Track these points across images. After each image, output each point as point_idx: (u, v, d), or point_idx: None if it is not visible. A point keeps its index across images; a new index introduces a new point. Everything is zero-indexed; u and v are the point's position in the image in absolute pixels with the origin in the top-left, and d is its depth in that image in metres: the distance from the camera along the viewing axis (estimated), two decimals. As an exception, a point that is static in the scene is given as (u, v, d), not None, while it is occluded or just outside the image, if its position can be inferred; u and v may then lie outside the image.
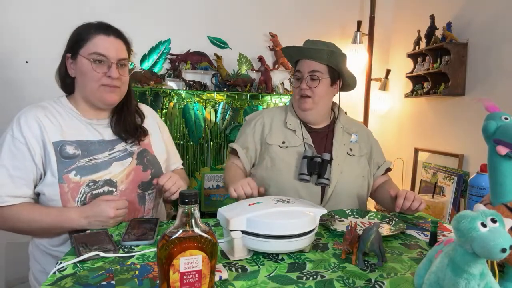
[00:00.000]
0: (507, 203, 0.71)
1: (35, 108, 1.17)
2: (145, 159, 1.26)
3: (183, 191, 0.63)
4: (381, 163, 1.54)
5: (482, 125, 0.74)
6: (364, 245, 0.85)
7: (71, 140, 1.15)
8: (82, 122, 1.20)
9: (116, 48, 1.16)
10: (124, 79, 1.20)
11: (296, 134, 1.46)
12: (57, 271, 0.79)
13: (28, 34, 2.41)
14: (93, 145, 1.18)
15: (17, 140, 1.10)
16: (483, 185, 1.13)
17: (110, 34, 1.16)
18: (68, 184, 1.11)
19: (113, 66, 1.14)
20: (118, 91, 1.19)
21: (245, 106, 2.64)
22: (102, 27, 1.16)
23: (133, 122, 1.27)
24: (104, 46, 1.14)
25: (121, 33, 1.20)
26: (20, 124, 1.12)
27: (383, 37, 2.97)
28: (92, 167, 1.15)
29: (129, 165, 1.22)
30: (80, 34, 1.17)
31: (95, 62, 1.13)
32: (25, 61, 2.42)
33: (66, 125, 1.17)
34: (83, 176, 1.13)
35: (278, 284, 0.76)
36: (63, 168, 1.11)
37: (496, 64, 2.01)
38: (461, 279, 0.56)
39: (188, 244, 0.61)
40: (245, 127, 1.56)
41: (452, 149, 2.33)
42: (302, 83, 1.43)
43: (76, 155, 1.14)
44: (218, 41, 2.64)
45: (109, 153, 1.20)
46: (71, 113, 1.20)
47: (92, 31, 1.15)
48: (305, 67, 1.43)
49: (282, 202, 0.98)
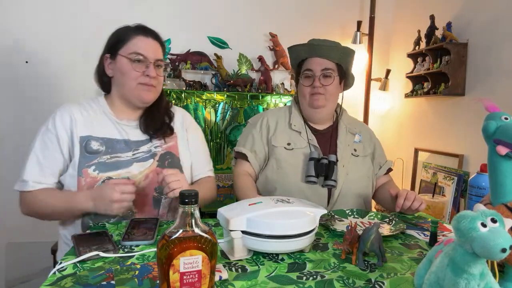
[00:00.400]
0: (507, 203, 0.71)
1: (72, 104, 1.25)
2: (166, 162, 1.26)
3: (183, 191, 0.63)
4: (382, 163, 1.54)
5: (482, 125, 0.74)
6: (364, 245, 0.85)
7: (97, 136, 1.20)
8: (112, 121, 1.25)
9: (154, 49, 1.21)
10: (160, 79, 1.25)
11: (301, 136, 1.46)
12: (57, 271, 0.79)
13: (28, 34, 2.41)
14: (119, 144, 1.22)
15: (49, 131, 1.18)
16: (483, 185, 1.13)
17: (149, 36, 1.21)
18: (85, 178, 1.15)
19: (151, 65, 1.19)
20: (154, 90, 1.24)
21: (245, 106, 2.64)
22: (141, 29, 1.22)
23: (161, 120, 1.30)
24: (143, 46, 1.19)
25: (158, 36, 1.25)
26: (55, 118, 1.20)
27: (383, 37, 2.97)
28: (112, 165, 1.18)
29: (149, 167, 1.23)
30: (120, 35, 1.22)
31: (135, 61, 1.18)
32: (25, 61, 2.42)
33: (97, 121, 1.23)
34: (101, 172, 1.16)
35: (278, 284, 0.76)
36: (84, 162, 1.16)
37: (496, 64, 2.01)
38: (461, 279, 0.56)
39: (188, 244, 0.61)
40: (250, 129, 1.52)
41: (452, 149, 2.33)
42: (315, 81, 1.42)
43: (100, 151, 1.19)
44: (218, 41, 2.64)
45: (133, 153, 1.23)
46: (104, 111, 1.25)
47: (131, 33, 1.20)
48: (317, 65, 1.42)
49: (282, 202, 0.98)
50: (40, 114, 2.44)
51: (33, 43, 2.40)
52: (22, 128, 2.43)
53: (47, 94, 2.46)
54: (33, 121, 2.44)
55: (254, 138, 1.48)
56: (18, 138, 2.42)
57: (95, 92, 1.31)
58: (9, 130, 2.41)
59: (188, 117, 1.42)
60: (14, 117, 2.41)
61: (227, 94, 2.59)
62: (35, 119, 2.44)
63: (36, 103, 2.44)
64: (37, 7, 2.40)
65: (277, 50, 2.73)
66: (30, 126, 2.45)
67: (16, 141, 2.42)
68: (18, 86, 2.41)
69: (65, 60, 2.46)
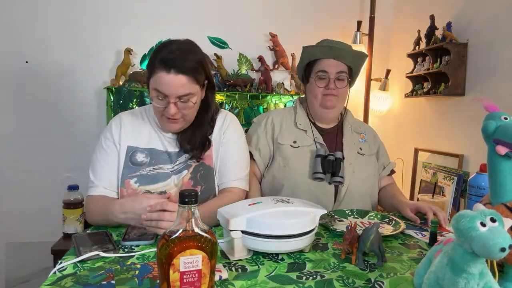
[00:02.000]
0: (506, 202, 0.71)
1: (125, 113, 1.27)
2: (198, 175, 1.22)
3: (183, 190, 0.63)
4: (386, 164, 1.56)
5: (482, 125, 0.74)
6: (364, 245, 0.85)
7: (143, 148, 1.21)
8: (158, 132, 1.24)
9: (176, 85, 1.09)
10: (186, 111, 1.15)
11: (307, 134, 1.47)
12: (57, 271, 0.79)
13: (28, 34, 2.41)
14: (162, 155, 1.21)
15: (107, 139, 1.21)
16: (482, 185, 1.13)
17: (171, 70, 1.08)
18: (127, 189, 1.16)
19: (170, 104, 1.11)
20: (181, 121, 1.18)
21: (245, 106, 2.64)
22: (163, 62, 1.08)
23: (200, 137, 1.23)
24: (163, 83, 1.09)
25: (183, 67, 1.09)
26: (111, 126, 1.23)
27: (383, 37, 2.97)
28: (152, 177, 1.18)
29: (183, 178, 1.21)
30: (148, 64, 1.14)
31: (157, 98, 1.13)
32: (25, 61, 2.42)
33: (145, 132, 1.23)
34: (141, 185, 1.17)
35: (278, 284, 0.76)
36: (127, 173, 1.18)
37: (496, 64, 2.01)
38: (460, 278, 0.56)
39: (188, 244, 0.61)
40: (255, 128, 1.53)
41: (452, 149, 2.32)
42: (330, 83, 1.43)
43: (144, 163, 1.19)
44: (218, 41, 2.64)
45: (173, 165, 1.22)
46: (151, 122, 1.25)
47: (155, 65, 1.10)
48: (332, 67, 1.43)
49: (282, 202, 0.98)
50: (40, 114, 2.45)
51: (33, 43, 2.40)
52: (23, 128, 2.43)
53: (47, 94, 2.46)
54: (33, 122, 2.45)
55: (259, 137, 1.49)
56: (19, 138, 2.43)
57: (95, 92, 1.30)
58: (10, 131, 2.41)
59: (228, 120, 1.30)
60: (14, 118, 2.41)
61: (227, 94, 2.59)
62: (35, 119, 2.45)
63: (36, 103, 2.44)
64: (37, 7, 2.40)
65: (277, 50, 2.73)
66: (30, 126, 2.45)
67: (17, 142, 2.42)
68: (18, 86, 2.41)
69: (65, 61, 2.47)
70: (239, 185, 1.25)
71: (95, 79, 2.51)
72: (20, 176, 2.40)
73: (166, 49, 1.10)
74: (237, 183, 1.25)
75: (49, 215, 2.31)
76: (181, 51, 1.11)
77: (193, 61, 1.12)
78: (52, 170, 2.43)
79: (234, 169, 1.26)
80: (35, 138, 2.45)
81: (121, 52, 2.47)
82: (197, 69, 1.13)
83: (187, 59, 1.10)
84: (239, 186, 1.25)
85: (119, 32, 2.53)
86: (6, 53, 2.39)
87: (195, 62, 1.12)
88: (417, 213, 1.27)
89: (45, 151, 2.46)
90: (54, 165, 2.45)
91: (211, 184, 1.24)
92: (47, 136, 2.46)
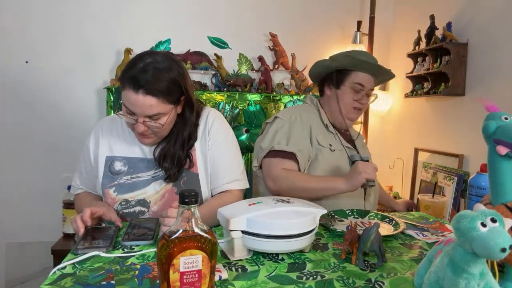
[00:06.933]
0: (507, 203, 0.71)
1: (106, 120, 1.28)
2: (181, 181, 1.17)
3: (183, 190, 0.63)
4: None
5: (482, 125, 0.74)
6: (364, 245, 0.85)
7: (122, 156, 1.20)
8: (134, 139, 1.18)
9: (144, 106, 1.03)
10: (156, 130, 1.10)
11: (335, 137, 1.48)
12: (57, 270, 0.79)
13: (28, 34, 2.41)
14: (142, 163, 1.19)
15: (87, 148, 1.24)
16: (483, 185, 1.13)
17: (139, 91, 1.02)
18: (107, 199, 1.17)
19: (138, 123, 1.07)
20: (152, 136, 1.13)
21: (245, 106, 2.64)
22: (132, 81, 1.02)
23: (177, 152, 1.16)
24: (131, 102, 1.04)
25: (153, 89, 1.02)
26: (90, 137, 1.25)
27: (383, 37, 2.97)
28: (130, 186, 1.17)
29: (165, 186, 1.17)
30: (120, 76, 1.07)
31: (126, 112, 1.08)
32: (25, 61, 2.42)
33: (124, 139, 1.22)
34: (119, 194, 1.17)
35: (278, 284, 0.76)
36: (107, 183, 1.18)
37: (496, 64, 2.01)
38: (461, 278, 0.56)
39: (188, 244, 0.61)
40: (289, 126, 1.41)
41: (452, 149, 2.32)
42: (364, 98, 1.47)
43: (121, 171, 1.18)
44: (218, 41, 2.64)
45: (154, 171, 1.18)
46: (130, 129, 1.17)
47: (125, 81, 1.04)
48: (369, 83, 1.46)
49: (282, 202, 0.98)
50: (40, 114, 2.45)
51: (33, 43, 2.41)
52: (22, 129, 2.43)
53: (47, 94, 2.46)
54: (32, 122, 2.45)
55: (299, 136, 1.39)
56: (17, 139, 2.43)
57: (95, 92, 1.30)
58: (8, 131, 2.41)
59: (211, 119, 1.23)
60: (13, 118, 2.41)
61: (227, 94, 2.59)
62: (34, 119, 2.45)
63: (36, 103, 2.44)
64: (36, 7, 2.40)
65: (277, 50, 2.73)
66: (29, 126, 2.45)
67: (15, 142, 2.42)
68: (18, 86, 2.41)
69: (65, 61, 2.47)
70: (235, 187, 1.23)
71: (95, 79, 2.51)
72: (20, 176, 2.41)
73: (138, 66, 1.03)
74: (233, 185, 1.22)
75: (49, 215, 2.32)
76: (154, 69, 1.03)
77: (166, 81, 1.04)
78: (52, 170, 2.43)
79: (228, 171, 1.22)
80: (35, 138, 2.45)
81: (121, 52, 2.47)
82: (169, 89, 1.06)
83: (159, 79, 1.03)
84: (236, 187, 1.23)
85: (119, 32, 2.54)
86: (6, 53, 2.39)
87: (168, 81, 1.05)
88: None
89: (45, 151, 2.46)
90: (54, 165, 2.45)
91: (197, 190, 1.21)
92: (47, 136, 2.46)
